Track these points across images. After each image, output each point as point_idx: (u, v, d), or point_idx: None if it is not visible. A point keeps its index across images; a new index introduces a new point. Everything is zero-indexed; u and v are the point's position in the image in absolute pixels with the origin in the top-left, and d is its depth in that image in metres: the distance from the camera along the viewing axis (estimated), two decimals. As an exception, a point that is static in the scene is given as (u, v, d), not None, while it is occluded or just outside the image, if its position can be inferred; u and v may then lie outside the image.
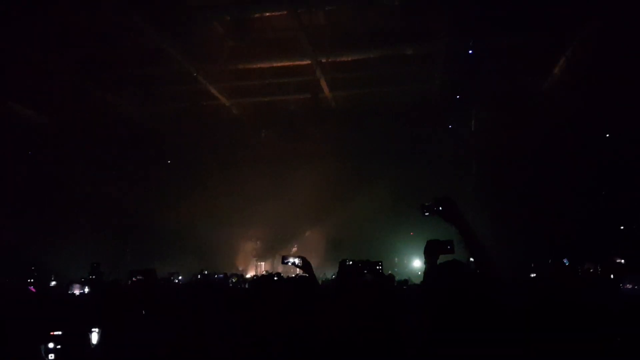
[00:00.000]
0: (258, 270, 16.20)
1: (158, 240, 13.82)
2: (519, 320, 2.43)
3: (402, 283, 6.59)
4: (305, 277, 3.80)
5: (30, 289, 6.21)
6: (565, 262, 8.71)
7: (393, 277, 6.64)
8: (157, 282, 4.67)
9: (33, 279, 9.27)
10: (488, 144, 12.76)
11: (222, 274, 9.53)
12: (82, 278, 8.04)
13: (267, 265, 16.46)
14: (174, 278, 9.38)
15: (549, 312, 2.67)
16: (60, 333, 3.16)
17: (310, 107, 13.13)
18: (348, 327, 2.90)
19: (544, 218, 11.69)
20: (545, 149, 11.94)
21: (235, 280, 9.02)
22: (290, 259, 4.02)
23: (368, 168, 14.25)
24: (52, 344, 3.09)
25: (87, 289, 6.27)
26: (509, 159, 12.43)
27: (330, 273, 11.28)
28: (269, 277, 7.06)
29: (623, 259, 8.54)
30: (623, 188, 10.54)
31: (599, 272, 7.15)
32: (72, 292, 6.28)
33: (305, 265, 3.89)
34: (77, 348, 3.16)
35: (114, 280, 5.33)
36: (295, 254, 5.00)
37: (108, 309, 3.51)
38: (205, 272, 10.76)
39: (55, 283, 10.04)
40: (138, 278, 3.90)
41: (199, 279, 9.25)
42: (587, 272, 7.30)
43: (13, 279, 8.62)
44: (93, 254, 11.43)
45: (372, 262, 4.00)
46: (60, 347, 3.07)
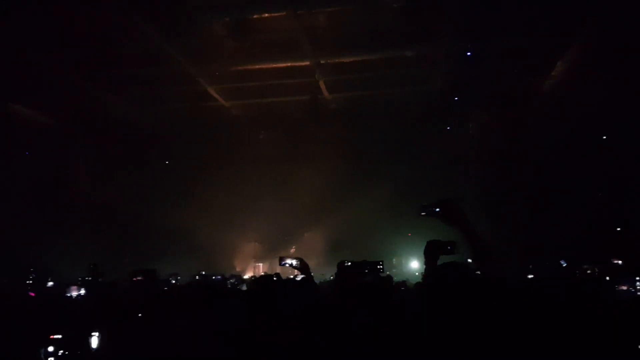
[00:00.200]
0: (256, 271, 16.18)
1: (157, 241, 13.81)
2: (518, 322, 2.44)
3: (400, 284, 6.59)
4: (303, 278, 3.81)
5: (30, 294, 6.18)
6: (563, 263, 8.75)
7: (391, 277, 6.64)
8: (157, 282, 4.66)
9: (31, 280, 9.25)
10: (488, 145, 12.80)
11: (220, 276, 9.53)
12: (79, 278, 8.01)
13: (265, 267, 16.44)
14: (172, 279, 9.37)
15: (546, 314, 2.69)
16: (60, 336, 3.16)
17: (310, 108, 13.13)
18: (347, 328, 2.91)
19: (542, 219, 11.73)
20: (544, 150, 11.98)
21: (234, 281, 9.02)
22: (288, 260, 4.02)
23: (367, 169, 14.26)
24: (51, 348, 3.09)
25: (83, 291, 6.18)
26: (508, 160, 12.46)
27: (329, 274, 11.28)
28: (268, 277, 7.06)
29: (620, 260, 8.59)
30: (620, 189, 10.59)
31: (596, 273, 7.17)
32: (69, 294, 6.21)
33: (303, 267, 3.90)
34: (76, 351, 3.15)
35: (113, 282, 5.30)
36: (294, 255, 5.01)
37: (108, 312, 3.50)
38: (203, 272, 10.77)
39: (53, 284, 10.03)
40: (138, 279, 3.90)
41: (198, 280, 9.24)
42: (584, 273, 7.33)
43: (11, 280, 8.59)
44: (91, 255, 11.43)
45: (371, 262, 4.00)
46: (60, 350, 3.07)
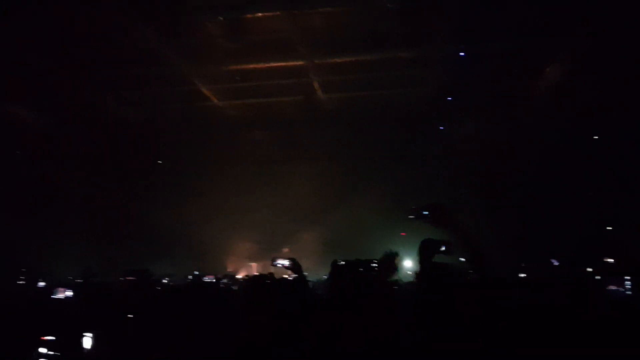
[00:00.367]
0: (250, 272, 16.14)
1: (150, 241, 13.75)
2: (510, 322, 2.46)
3: (392, 283, 6.61)
4: (296, 278, 3.84)
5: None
6: (554, 262, 8.80)
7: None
8: (150, 283, 4.64)
9: (23, 281, 9.16)
10: (482, 146, 12.86)
11: (212, 276, 9.51)
12: (69, 277, 7.93)
13: (259, 267, 16.41)
14: (165, 279, 9.34)
15: (538, 314, 2.71)
16: (53, 338, 3.13)
17: (304, 108, 13.14)
18: (339, 327, 2.92)
19: (534, 218, 11.82)
20: (537, 150, 12.07)
21: (227, 282, 9.01)
22: (280, 261, 4.06)
23: (362, 170, 14.28)
24: (44, 349, 3.06)
25: (70, 293, 6.00)
26: (502, 160, 12.54)
27: (323, 274, 11.28)
28: (260, 278, 7.06)
29: (612, 259, 8.67)
30: (612, 188, 10.69)
31: (588, 272, 7.23)
32: (55, 296, 6.05)
33: (295, 267, 3.94)
34: (69, 353, 3.13)
35: (106, 282, 5.26)
36: (287, 255, 5.03)
37: (100, 313, 3.49)
38: (196, 272, 10.75)
39: (45, 284, 9.95)
40: (131, 279, 3.89)
41: (191, 280, 9.22)
42: (575, 272, 7.38)
43: (2, 281, 8.52)
44: (84, 255, 11.36)
45: (365, 261, 4.02)
46: (52, 352, 3.04)
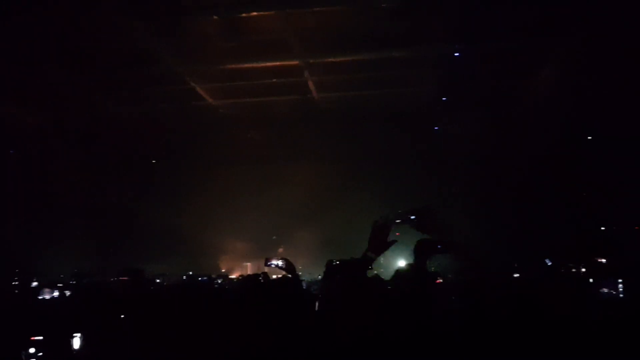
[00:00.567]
0: (244, 272, 16.13)
1: (144, 241, 13.72)
2: (503, 322, 2.46)
3: (386, 283, 6.60)
4: (289, 278, 3.85)
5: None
6: (548, 262, 8.83)
7: (379, 277, 6.65)
8: (144, 283, 4.62)
9: (17, 281, 9.12)
10: (476, 146, 12.89)
11: (206, 277, 9.48)
12: (61, 275, 7.88)
13: (253, 267, 16.40)
14: (159, 279, 9.30)
15: (531, 315, 2.72)
16: (41, 338, 3.10)
17: (300, 108, 13.13)
18: (334, 327, 2.92)
19: (528, 218, 11.87)
20: (531, 151, 12.12)
21: (221, 282, 8.99)
22: (274, 261, 4.08)
23: (357, 169, 14.29)
24: (32, 349, 3.03)
25: (57, 293, 5.93)
26: (496, 160, 12.59)
27: (317, 273, 11.27)
28: (254, 277, 7.06)
29: (604, 259, 8.70)
30: (606, 189, 10.75)
31: (581, 272, 7.26)
32: (42, 297, 5.97)
33: (289, 267, 3.96)
34: (58, 353, 3.11)
35: (98, 282, 5.25)
36: (281, 255, 5.03)
37: (91, 312, 3.46)
38: (191, 273, 10.72)
39: (37, 284, 9.89)
40: (124, 278, 3.87)
41: (185, 280, 9.20)
42: (568, 272, 7.41)
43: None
44: (78, 255, 11.31)
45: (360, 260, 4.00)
46: (41, 352, 3.01)
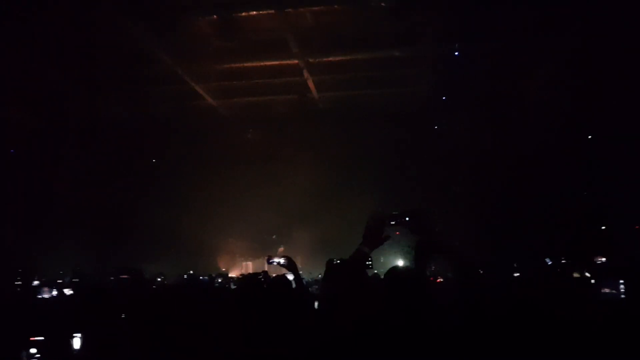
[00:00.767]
0: (245, 271, 16.15)
1: (144, 241, 13.70)
2: (502, 323, 2.46)
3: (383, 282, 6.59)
4: (291, 276, 3.84)
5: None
6: (548, 261, 8.83)
7: (378, 276, 6.65)
8: (144, 282, 4.62)
9: (19, 281, 9.11)
10: (475, 145, 12.88)
11: (206, 276, 9.48)
12: (60, 272, 7.85)
13: (254, 266, 16.43)
14: (159, 279, 9.31)
15: (531, 315, 2.72)
16: (42, 338, 3.10)
17: (298, 108, 13.11)
18: (334, 327, 2.92)
19: (528, 217, 11.86)
20: (530, 150, 12.11)
21: (222, 281, 8.99)
22: (276, 259, 4.07)
23: (356, 168, 14.28)
24: (33, 350, 3.03)
25: (55, 292, 5.91)
26: (495, 159, 12.57)
27: (317, 273, 11.29)
28: (255, 276, 7.07)
29: (604, 258, 8.70)
30: (606, 188, 10.75)
31: (582, 272, 7.26)
32: (41, 295, 5.96)
33: (291, 265, 3.94)
34: (58, 353, 3.11)
35: (98, 282, 5.25)
36: (282, 254, 5.03)
37: (91, 313, 3.46)
38: (191, 272, 10.72)
39: (39, 283, 9.89)
40: (123, 278, 3.87)
41: (185, 280, 9.20)
42: (569, 271, 7.41)
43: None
44: (78, 255, 11.30)
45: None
46: (42, 353, 3.01)
